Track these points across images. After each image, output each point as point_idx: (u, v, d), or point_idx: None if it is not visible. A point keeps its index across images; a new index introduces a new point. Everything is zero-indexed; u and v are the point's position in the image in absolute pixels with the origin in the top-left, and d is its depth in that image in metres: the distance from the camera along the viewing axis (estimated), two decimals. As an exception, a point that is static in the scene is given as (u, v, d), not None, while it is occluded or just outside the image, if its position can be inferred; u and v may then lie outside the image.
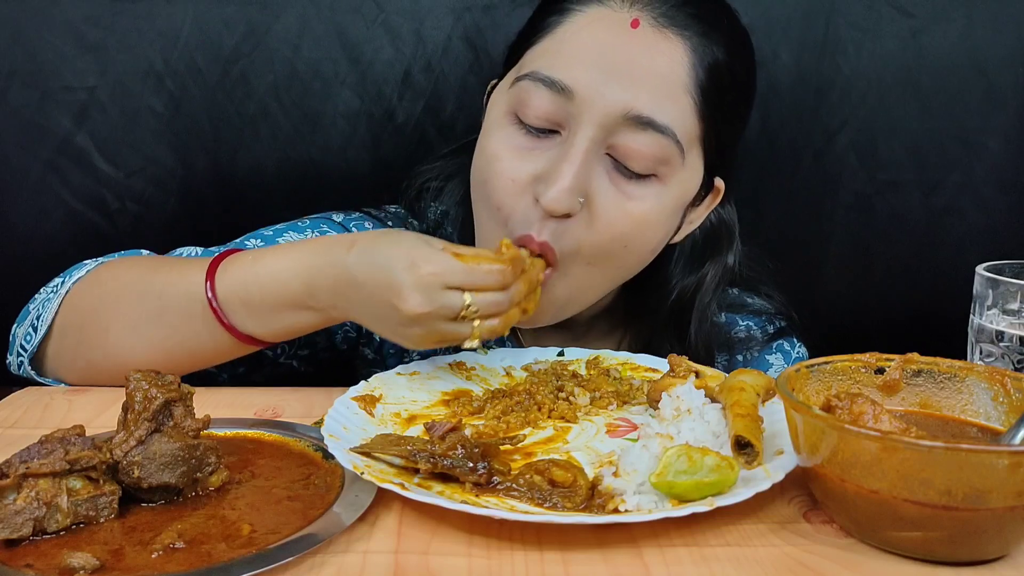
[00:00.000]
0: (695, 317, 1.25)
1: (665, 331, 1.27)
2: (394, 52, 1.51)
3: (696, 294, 1.25)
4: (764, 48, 1.53)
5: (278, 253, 1.06)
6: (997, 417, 0.86)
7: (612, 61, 1.06)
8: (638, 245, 1.13)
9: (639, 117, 1.05)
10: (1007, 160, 1.58)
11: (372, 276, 0.96)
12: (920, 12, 1.53)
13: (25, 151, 1.48)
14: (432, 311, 0.94)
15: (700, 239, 1.26)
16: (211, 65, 1.48)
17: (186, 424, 0.84)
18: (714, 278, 1.26)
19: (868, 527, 0.76)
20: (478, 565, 0.73)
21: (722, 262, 1.27)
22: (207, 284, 1.04)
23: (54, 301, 1.13)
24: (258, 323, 1.05)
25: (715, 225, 1.26)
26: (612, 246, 1.10)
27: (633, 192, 1.09)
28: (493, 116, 1.14)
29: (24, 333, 1.15)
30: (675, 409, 0.91)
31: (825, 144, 1.58)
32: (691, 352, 1.24)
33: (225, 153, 1.52)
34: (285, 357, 1.28)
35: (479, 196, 1.15)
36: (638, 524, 0.78)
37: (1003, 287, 0.99)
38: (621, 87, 1.05)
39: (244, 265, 1.05)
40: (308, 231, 1.26)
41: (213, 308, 1.04)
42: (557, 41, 1.10)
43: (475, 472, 0.83)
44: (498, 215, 1.11)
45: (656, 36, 1.08)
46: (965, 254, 1.59)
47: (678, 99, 1.08)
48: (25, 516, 0.73)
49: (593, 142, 1.06)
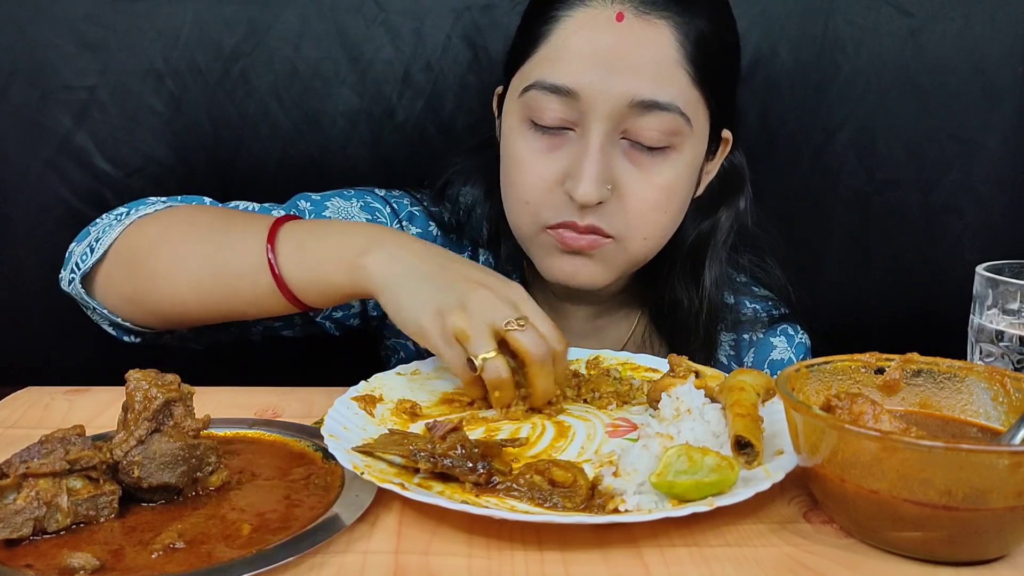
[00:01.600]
0: (709, 260, 1.32)
1: (682, 280, 1.32)
2: (394, 51, 1.51)
3: (711, 237, 1.32)
4: (763, 46, 1.53)
5: (337, 231, 1.09)
6: (997, 417, 0.86)
7: (607, 57, 1.13)
8: (672, 207, 1.22)
9: (643, 102, 1.13)
10: (1005, 158, 1.58)
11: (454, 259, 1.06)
12: (919, 11, 1.53)
13: (25, 150, 1.48)
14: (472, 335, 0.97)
15: (715, 185, 1.33)
16: (211, 64, 1.48)
17: (186, 424, 0.84)
18: (728, 219, 1.33)
19: (868, 527, 0.77)
20: (478, 565, 0.74)
21: (735, 206, 1.34)
22: (268, 246, 1.07)
23: (116, 228, 1.16)
24: (311, 292, 1.08)
25: (727, 171, 1.33)
26: (652, 216, 1.19)
27: (653, 166, 1.17)
28: (510, 124, 1.21)
29: (81, 252, 1.18)
30: (675, 409, 0.91)
31: (824, 142, 1.58)
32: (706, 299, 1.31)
33: (225, 152, 1.52)
34: (321, 316, 1.31)
35: (509, 193, 1.23)
36: (638, 524, 0.78)
37: (1003, 287, 0.99)
38: (621, 79, 1.12)
39: (305, 232, 1.09)
40: (354, 200, 1.32)
41: (272, 270, 1.06)
42: (552, 49, 1.16)
43: (475, 472, 0.83)
44: (527, 208, 1.19)
45: (641, 24, 1.14)
46: (963, 252, 1.60)
47: (674, 76, 1.15)
48: (25, 516, 0.73)
49: (606, 134, 1.14)
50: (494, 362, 0.97)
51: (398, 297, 1.00)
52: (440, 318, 0.97)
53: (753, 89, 1.53)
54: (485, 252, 1.37)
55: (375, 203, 1.33)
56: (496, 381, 0.98)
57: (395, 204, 1.34)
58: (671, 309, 1.33)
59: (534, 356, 0.97)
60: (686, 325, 1.32)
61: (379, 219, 1.31)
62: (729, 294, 1.37)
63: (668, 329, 1.36)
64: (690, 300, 1.32)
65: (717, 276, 1.32)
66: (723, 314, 1.35)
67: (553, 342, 1.00)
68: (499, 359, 0.97)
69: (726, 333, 1.38)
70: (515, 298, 1.01)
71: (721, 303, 1.33)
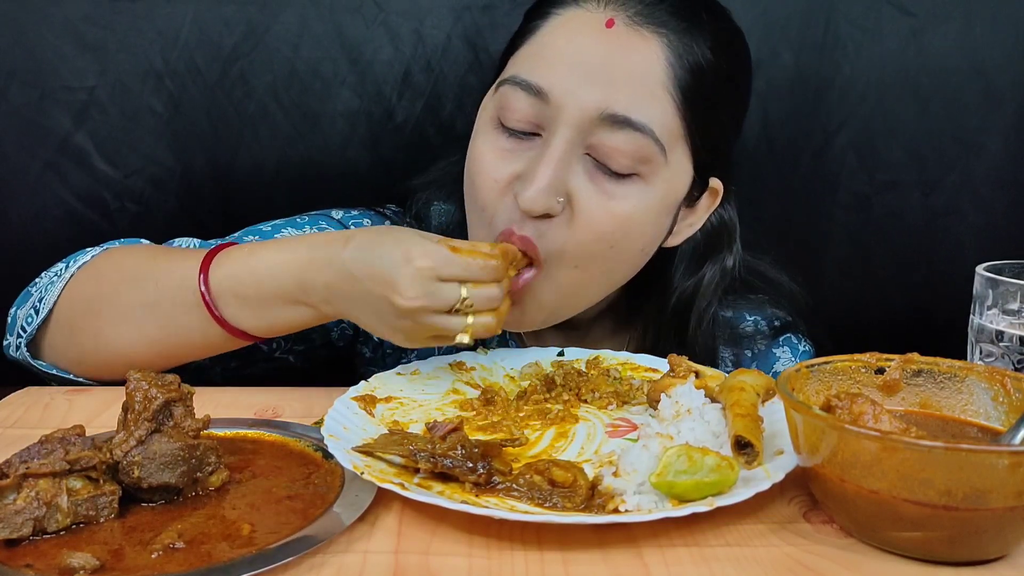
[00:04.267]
0: (694, 319, 1.25)
1: (667, 333, 1.26)
2: (394, 52, 1.51)
3: (695, 296, 1.25)
4: (763, 48, 1.53)
5: (273, 247, 1.06)
6: (997, 417, 0.86)
7: (587, 62, 1.07)
8: (624, 245, 1.12)
9: (614, 116, 1.06)
10: (1006, 160, 1.58)
11: (368, 270, 0.97)
12: (920, 12, 1.53)
13: (25, 151, 1.48)
14: (427, 304, 0.95)
15: (701, 241, 1.25)
16: (210, 65, 1.48)
17: (186, 424, 0.84)
18: (712, 279, 1.25)
19: (868, 527, 0.76)
20: (478, 565, 0.73)
21: (720, 264, 1.26)
22: (200, 276, 1.04)
23: (57, 285, 1.14)
24: (250, 317, 1.05)
25: (715, 226, 1.25)
26: (597, 247, 1.10)
27: (615, 191, 1.08)
28: (481, 121, 1.16)
29: (25, 315, 1.15)
30: (675, 409, 0.91)
31: (824, 144, 1.58)
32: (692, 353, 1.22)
33: (224, 153, 1.52)
34: (280, 352, 1.28)
35: (468, 197, 1.16)
36: (638, 524, 0.78)
37: (1003, 287, 0.99)
38: (596, 87, 1.06)
39: (238, 258, 1.06)
40: (306, 228, 1.26)
41: (205, 300, 1.04)
42: (537, 45, 1.12)
43: (475, 472, 0.83)
44: (483, 215, 1.12)
45: (631, 35, 1.08)
46: (964, 254, 1.59)
47: (656, 97, 1.08)
48: (25, 516, 0.73)
49: (570, 143, 1.07)
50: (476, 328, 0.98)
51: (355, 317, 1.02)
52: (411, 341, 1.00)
53: (753, 91, 1.53)
54: None
55: (329, 228, 1.27)
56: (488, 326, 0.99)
57: (352, 225, 1.29)
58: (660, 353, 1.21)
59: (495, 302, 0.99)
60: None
61: None
62: (726, 307, 1.32)
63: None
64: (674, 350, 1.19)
65: (703, 334, 1.25)
66: (720, 329, 1.29)
67: (489, 275, 0.98)
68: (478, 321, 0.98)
69: (727, 347, 1.32)
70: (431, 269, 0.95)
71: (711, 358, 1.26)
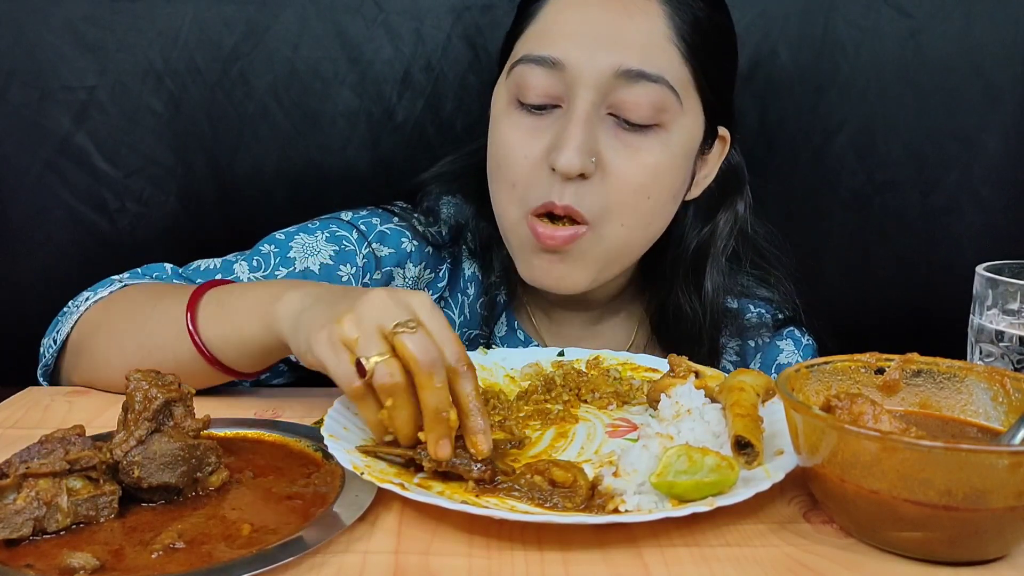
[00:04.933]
0: (710, 267, 1.29)
1: (683, 288, 1.29)
2: (394, 52, 1.51)
3: (710, 242, 1.29)
4: (763, 46, 1.53)
5: (240, 305, 1.03)
6: (997, 417, 0.86)
7: (595, 30, 1.13)
8: (658, 193, 1.17)
9: (629, 71, 1.11)
10: (1005, 159, 1.58)
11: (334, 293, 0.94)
12: (919, 11, 1.53)
13: (25, 151, 1.48)
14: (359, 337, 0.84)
15: (714, 189, 1.30)
16: (210, 65, 1.48)
17: (186, 424, 0.84)
18: (727, 223, 1.30)
19: (868, 527, 0.77)
20: (478, 565, 0.73)
21: (733, 209, 1.30)
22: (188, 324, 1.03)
23: (73, 316, 1.15)
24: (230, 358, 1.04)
25: (725, 173, 1.30)
26: (635, 199, 1.15)
27: (640, 144, 1.14)
28: (498, 107, 1.20)
29: (47, 344, 1.17)
30: (675, 409, 0.91)
31: (823, 143, 1.58)
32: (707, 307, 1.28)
33: (225, 152, 1.52)
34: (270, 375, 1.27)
35: (495, 179, 1.20)
36: (638, 524, 0.78)
37: (1003, 287, 0.99)
38: (608, 50, 1.12)
39: (217, 317, 1.04)
40: (318, 232, 1.27)
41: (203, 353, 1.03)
42: (542, 23, 1.16)
43: (478, 470, 0.83)
44: (514, 192, 1.16)
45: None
46: (963, 253, 1.60)
47: (664, 49, 1.14)
48: (25, 516, 0.73)
49: (592, 105, 1.12)
50: (384, 365, 0.82)
51: (296, 327, 0.92)
52: (328, 327, 0.85)
53: (752, 90, 1.53)
54: (471, 264, 1.34)
55: (341, 231, 1.27)
56: (388, 387, 0.82)
57: (363, 226, 1.29)
58: (674, 318, 1.30)
59: (421, 362, 0.81)
60: (689, 334, 1.29)
61: (346, 246, 1.25)
62: (732, 299, 1.35)
63: (670, 338, 1.32)
64: (692, 309, 1.28)
65: (719, 283, 1.29)
66: (726, 320, 1.32)
67: (449, 356, 0.83)
68: (392, 362, 0.82)
69: (730, 339, 1.35)
70: (415, 304, 0.85)
71: (723, 310, 1.31)
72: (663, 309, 1.31)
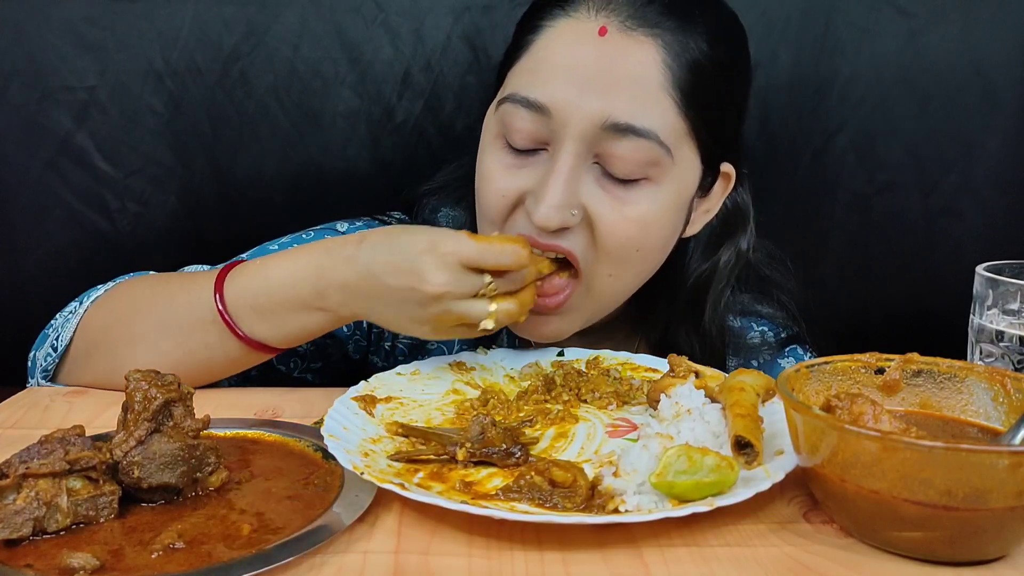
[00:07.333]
0: (710, 303, 1.25)
1: (681, 322, 1.26)
2: (394, 52, 1.51)
3: (711, 280, 1.25)
4: (763, 48, 1.53)
5: (285, 257, 1.08)
6: (997, 417, 0.86)
7: (584, 72, 1.06)
8: (647, 245, 1.13)
9: (617, 125, 1.05)
10: (1005, 160, 1.58)
11: (389, 263, 0.99)
12: (919, 12, 1.53)
13: (25, 151, 1.48)
14: (451, 289, 0.98)
15: (716, 225, 1.26)
16: (211, 65, 1.48)
17: (186, 424, 0.84)
18: (728, 262, 1.26)
19: (868, 527, 0.77)
20: (478, 565, 0.73)
21: (735, 247, 1.26)
22: (216, 294, 1.06)
23: (72, 321, 1.15)
24: (268, 328, 1.06)
25: (729, 210, 1.25)
26: (624, 252, 1.11)
27: (627, 197, 1.09)
28: (486, 138, 1.17)
29: (44, 355, 1.17)
30: (675, 409, 0.91)
31: (824, 144, 1.58)
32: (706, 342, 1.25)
33: (225, 152, 1.52)
34: (299, 372, 1.29)
35: (479, 211, 1.17)
36: (638, 524, 0.78)
37: (1003, 287, 0.99)
38: (596, 97, 1.05)
39: (252, 272, 1.07)
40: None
41: (223, 316, 1.05)
42: (532, 59, 1.11)
43: (512, 456, 0.86)
44: (493, 229, 1.14)
45: (625, 40, 1.07)
46: (963, 254, 1.59)
47: (657, 100, 1.07)
48: (25, 516, 0.73)
49: (577, 156, 1.07)
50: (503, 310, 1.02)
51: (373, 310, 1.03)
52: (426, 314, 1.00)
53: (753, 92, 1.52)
54: None
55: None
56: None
57: None
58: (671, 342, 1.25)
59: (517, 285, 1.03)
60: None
61: None
62: (734, 317, 1.32)
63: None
64: (689, 343, 1.25)
65: (718, 318, 1.26)
66: (728, 340, 1.29)
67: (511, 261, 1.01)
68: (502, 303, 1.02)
69: (732, 357, 1.31)
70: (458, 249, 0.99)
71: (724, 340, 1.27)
72: (661, 341, 1.28)
